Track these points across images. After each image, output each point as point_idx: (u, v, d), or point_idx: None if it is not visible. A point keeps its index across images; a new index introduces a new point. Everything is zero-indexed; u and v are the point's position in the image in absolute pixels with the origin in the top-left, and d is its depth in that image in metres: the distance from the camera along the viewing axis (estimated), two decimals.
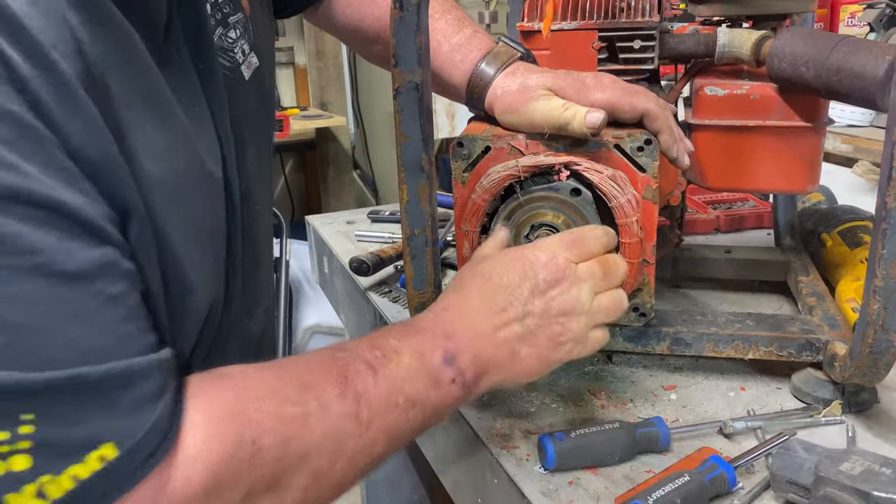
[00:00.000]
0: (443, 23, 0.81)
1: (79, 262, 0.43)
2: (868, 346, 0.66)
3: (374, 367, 0.55)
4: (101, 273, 0.44)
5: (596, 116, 0.67)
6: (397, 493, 1.65)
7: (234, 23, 0.67)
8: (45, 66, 0.42)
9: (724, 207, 1.35)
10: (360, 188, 3.54)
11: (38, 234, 0.42)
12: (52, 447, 0.41)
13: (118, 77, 0.48)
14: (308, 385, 0.52)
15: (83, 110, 0.44)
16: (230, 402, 0.49)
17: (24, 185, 0.41)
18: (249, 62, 0.69)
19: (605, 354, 0.88)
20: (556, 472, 0.68)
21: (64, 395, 0.41)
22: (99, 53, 0.46)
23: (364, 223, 1.43)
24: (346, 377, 0.54)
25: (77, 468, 0.42)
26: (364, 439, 0.54)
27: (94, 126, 0.45)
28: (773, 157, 0.84)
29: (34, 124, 0.42)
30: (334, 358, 0.55)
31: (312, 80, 3.37)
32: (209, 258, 0.59)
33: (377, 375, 0.55)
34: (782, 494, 0.64)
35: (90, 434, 0.42)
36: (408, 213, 0.74)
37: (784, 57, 0.78)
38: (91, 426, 0.42)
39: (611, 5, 0.84)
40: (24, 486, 0.41)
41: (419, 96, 0.69)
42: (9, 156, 0.41)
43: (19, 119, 0.41)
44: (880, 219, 0.63)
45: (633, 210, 0.72)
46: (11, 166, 0.41)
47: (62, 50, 0.44)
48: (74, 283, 0.43)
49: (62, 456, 0.42)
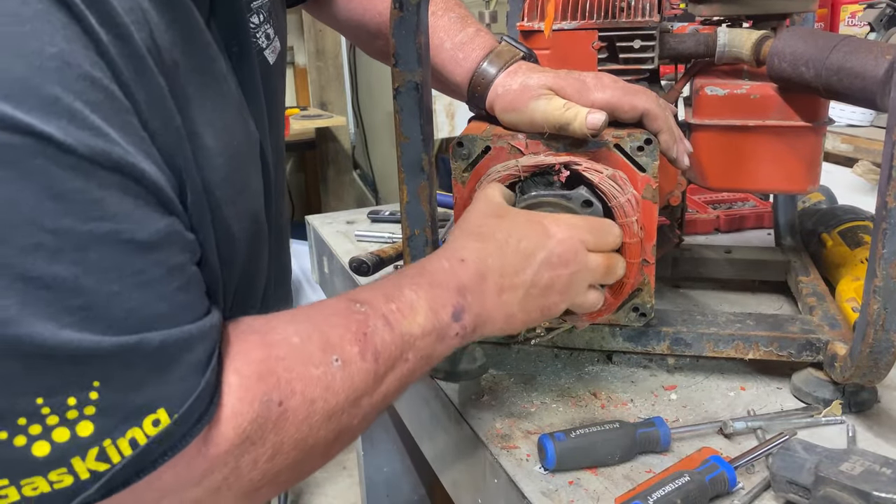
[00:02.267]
0: (445, 20, 0.81)
1: (150, 231, 0.44)
2: (868, 346, 0.66)
3: (391, 323, 0.56)
4: (166, 242, 0.45)
5: (597, 118, 0.67)
6: (397, 493, 1.65)
7: (258, 7, 0.67)
8: (120, 34, 0.43)
9: (724, 207, 1.35)
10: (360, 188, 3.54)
11: (118, 201, 0.42)
12: (114, 412, 0.42)
13: (181, 52, 0.49)
14: (330, 343, 0.53)
15: (152, 81, 0.45)
16: (260, 363, 0.50)
17: (108, 150, 0.41)
18: (274, 47, 0.69)
19: (605, 354, 0.88)
20: (556, 472, 0.68)
21: (127, 361, 0.42)
22: (164, 27, 0.47)
23: (364, 223, 1.43)
24: (366, 334, 0.55)
25: (136, 432, 0.43)
26: (378, 394, 0.55)
27: (161, 97, 0.46)
28: (773, 156, 0.84)
29: (113, 90, 0.42)
30: (353, 310, 0.56)
31: (312, 80, 3.37)
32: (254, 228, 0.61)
33: (394, 332, 0.56)
34: (782, 494, 0.64)
35: (148, 399, 0.43)
36: (408, 213, 0.74)
37: (784, 57, 0.78)
38: (148, 392, 0.43)
39: (611, 5, 0.84)
40: (88, 450, 0.42)
41: (419, 96, 0.69)
42: (94, 118, 0.41)
43: (100, 84, 0.41)
44: (880, 219, 0.63)
45: (633, 210, 0.72)
46: (97, 130, 0.41)
47: (133, 20, 0.44)
48: (144, 251, 0.43)
49: (122, 421, 0.43)
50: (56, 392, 0.41)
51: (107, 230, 0.42)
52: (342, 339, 0.54)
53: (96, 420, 0.42)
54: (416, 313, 0.58)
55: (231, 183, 0.55)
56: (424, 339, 0.58)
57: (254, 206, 0.62)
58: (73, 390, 0.41)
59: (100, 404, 0.42)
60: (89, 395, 0.42)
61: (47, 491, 0.42)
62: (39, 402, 0.40)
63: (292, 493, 2.32)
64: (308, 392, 0.51)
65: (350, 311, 0.56)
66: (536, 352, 0.89)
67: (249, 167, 0.60)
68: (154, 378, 0.44)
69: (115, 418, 0.43)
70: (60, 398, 0.41)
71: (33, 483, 0.41)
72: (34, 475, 0.41)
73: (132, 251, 0.43)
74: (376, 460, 1.62)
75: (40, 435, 0.41)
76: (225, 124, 0.54)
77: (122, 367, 0.42)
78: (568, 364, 0.87)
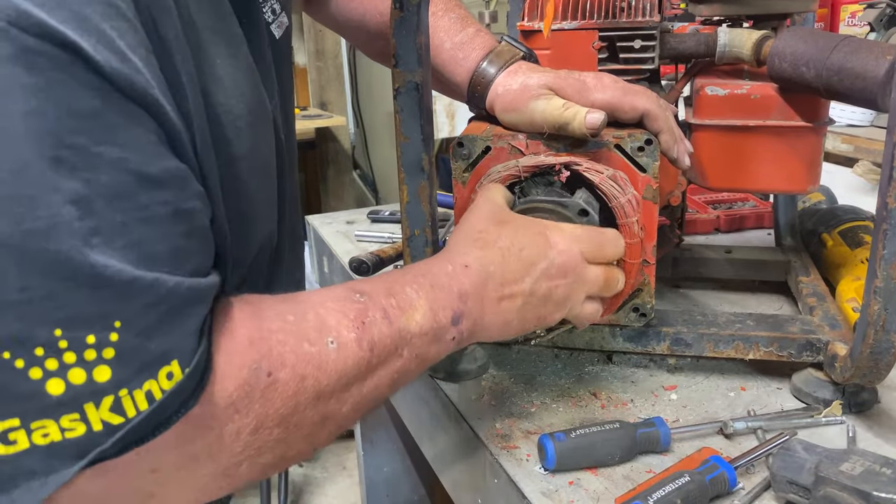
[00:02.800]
0: (446, 21, 0.81)
1: (159, 168, 0.43)
2: (869, 346, 0.66)
3: (389, 317, 0.56)
4: (174, 184, 0.44)
5: (596, 117, 0.67)
6: (397, 493, 1.65)
7: None
8: None
9: (724, 207, 1.35)
10: (360, 188, 3.54)
11: (131, 130, 0.42)
12: (132, 359, 0.41)
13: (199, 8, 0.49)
14: (326, 325, 0.53)
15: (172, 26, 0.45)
16: (252, 330, 0.49)
17: (131, 77, 0.41)
18: (280, 21, 0.69)
19: (605, 354, 0.88)
20: (556, 473, 0.68)
21: (145, 300, 0.42)
22: None
23: (364, 223, 1.43)
24: (364, 322, 0.54)
25: (152, 384, 0.42)
26: (368, 385, 0.55)
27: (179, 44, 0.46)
28: (773, 157, 0.84)
29: (136, 24, 0.42)
30: (352, 299, 0.56)
31: (312, 80, 3.37)
32: (267, 191, 0.61)
33: (391, 325, 0.56)
34: (783, 495, 0.64)
35: (164, 348, 0.43)
36: (408, 213, 0.74)
37: (785, 57, 0.78)
38: (164, 340, 0.43)
39: (611, 5, 0.84)
40: (103, 397, 0.41)
41: (419, 96, 0.69)
42: (121, 44, 0.41)
43: (125, 14, 0.41)
44: (881, 219, 0.63)
45: (634, 210, 0.72)
46: (123, 55, 0.41)
47: None
48: (151, 187, 0.43)
49: (139, 370, 0.42)
50: (75, 325, 0.40)
51: (116, 156, 0.41)
52: (339, 324, 0.53)
53: (114, 365, 0.41)
54: (415, 311, 0.58)
55: (244, 144, 0.54)
56: (421, 338, 0.58)
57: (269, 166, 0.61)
58: (93, 327, 0.40)
59: (119, 348, 0.41)
60: (109, 336, 0.41)
61: (58, 439, 0.40)
62: (58, 333, 0.39)
63: (292, 493, 2.32)
64: (299, 367, 0.50)
65: (349, 299, 0.56)
66: (536, 352, 0.89)
67: (262, 134, 0.59)
68: (168, 325, 0.43)
69: (133, 367, 0.41)
70: (80, 334, 0.40)
71: (44, 428, 0.40)
72: (46, 417, 0.40)
73: (139, 184, 0.42)
74: (376, 460, 1.62)
75: (56, 371, 0.40)
76: (238, 86, 0.54)
77: (140, 307, 0.41)
78: (568, 364, 0.87)
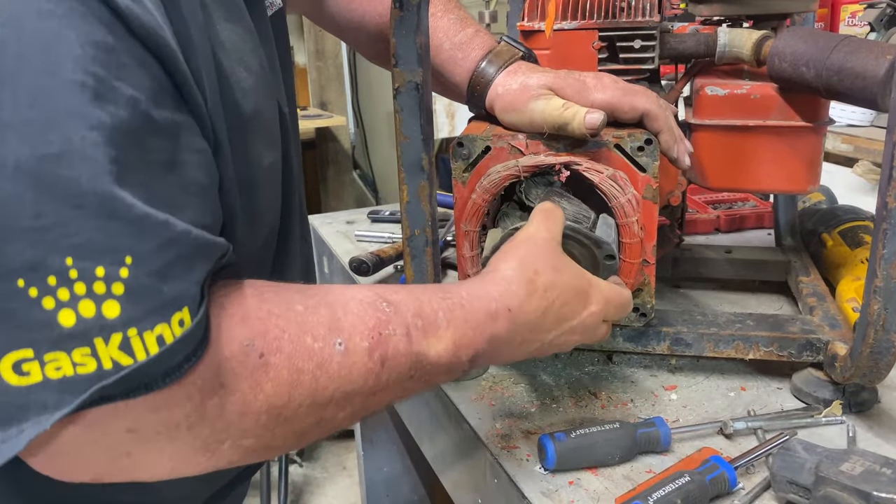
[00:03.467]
0: (445, 21, 0.81)
1: (160, 113, 0.43)
2: (869, 346, 0.66)
3: (411, 337, 0.54)
4: (177, 133, 0.44)
5: (595, 117, 0.67)
6: (397, 493, 1.65)
7: None
8: None
9: (724, 207, 1.35)
10: (360, 188, 3.53)
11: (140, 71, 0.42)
12: (142, 298, 0.41)
13: None
14: (339, 325, 0.50)
15: None
16: (249, 309, 0.48)
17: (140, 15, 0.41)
18: (272, 2, 0.69)
19: (605, 354, 0.88)
20: (557, 473, 0.68)
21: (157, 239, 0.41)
22: None
23: (364, 223, 1.43)
24: (381, 334, 0.52)
25: (163, 328, 0.42)
26: (373, 399, 0.53)
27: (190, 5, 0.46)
28: (773, 157, 0.84)
29: None
30: (376, 306, 0.53)
31: (312, 80, 3.37)
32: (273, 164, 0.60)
33: (410, 347, 0.53)
34: (783, 495, 0.64)
35: (176, 293, 0.42)
36: (408, 213, 0.74)
37: (785, 57, 0.78)
38: (176, 284, 0.42)
39: (611, 5, 0.84)
40: (111, 333, 0.41)
41: (419, 96, 0.69)
42: None
43: None
44: (881, 219, 0.63)
45: (634, 210, 0.72)
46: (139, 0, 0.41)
47: None
48: (156, 132, 0.43)
49: (151, 311, 0.41)
50: (86, 254, 0.39)
51: (130, 94, 0.41)
52: (353, 328, 0.51)
53: (123, 302, 0.40)
54: (439, 341, 0.55)
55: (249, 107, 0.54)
56: (434, 367, 0.56)
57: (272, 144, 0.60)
58: (103, 259, 0.40)
59: (129, 284, 0.40)
60: (119, 270, 0.40)
61: (70, 374, 0.40)
62: (69, 262, 0.39)
63: (292, 493, 2.32)
64: (297, 359, 0.48)
65: (374, 306, 0.53)
66: None
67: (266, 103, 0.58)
68: (179, 271, 0.42)
69: (144, 306, 0.41)
70: (90, 264, 0.40)
71: (57, 360, 0.40)
72: (58, 349, 0.40)
73: (149, 126, 0.42)
74: (376, 460, 1.62)
75: (68, 302, 0.39)
76: (237, 50, 0.54)
77: (153, 246, 0.41)
78: (568, 364, 0.87)
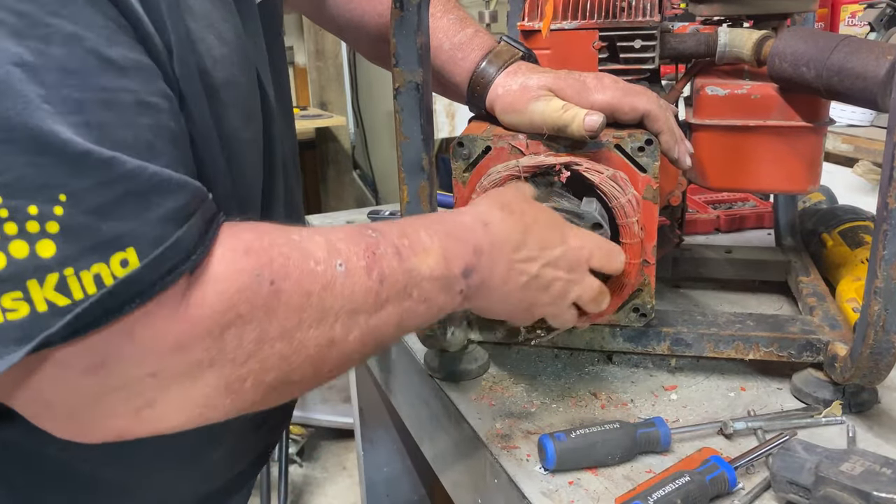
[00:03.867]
0: (445, 21, 0.81)
1: (119, 53, 0.42)
2: (869, 346, 0.66)
3: (401, 254, 0.55)
4: (138, 74, 0.44)
5: (594, 120, 0.67)
6: (397, 493, 1.65)
7: None
8: None
9: (724, 207, 1.35)
10: (360, 188, 3.53)
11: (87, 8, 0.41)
12: (79, 237, 0.40)
13: None
14: (336, 249, 0.52)
15: None
16: (252, 242, 0.49)
17: None
18: None
19: (605, 354, 0.88)
20: (556, 473, 0.68)
21: (97, 177, 0.40)
22: None
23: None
24: (375, 253, 0.53)
25: (101, 267, 0.41)
26: (376, 319, 0.54)
27: None
28: (773, 157, 0.84)
29: None
30: (364, 233, 0.55)
31: (312, 80, 3.37)
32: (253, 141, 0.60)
33: (402, 264, 0.55)
34: (783, 495, 0.64)
35: (117, 232, 0.41)
36: (408, 213, 0.74)
37: (785, 57, 0.78)
38: (119, 224, 0.41)
39: (611, 5, 0.84)
40: (47, 274, 0.40)
41: (419, 96, 0.68)
42: None
43: None
44: (881, 219, 0.63)
45: (634, 210, 0.72)
46: None
47: None
48: (111, 70, 0.42)
49: (88, 251, 0.41)
50: (16, 192, 0.38)
51: (70, 31, 0.40)
52: (349, 251, 0.52)
53: (59, 241, 0.40)
54: (427, 255, 0.57)
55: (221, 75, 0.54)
56: (431, 283, 0.57)
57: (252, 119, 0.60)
58: (36, 197, 0.39)
59: (64, 222, 0.39)
60: (53, 209, 0.39)
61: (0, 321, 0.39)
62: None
63: (292, 493, 2.32)
64: (305, 282, 0.49)
65: (361, 233, 0.55)
66: (536, 352, 0.89)
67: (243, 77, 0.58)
68: (126, 210, 0.42)
69: (80, 245, 0.40)
70: (21, 202, 0.39)
71: None
72: None
73: (97, 64, 0.41)
74: (376, 460, 1.61)
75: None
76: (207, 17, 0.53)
77: (91, 184, 0.40)
78: (568, 364, 0.87)
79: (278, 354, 0.49)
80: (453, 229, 0.60)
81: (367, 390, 1.51)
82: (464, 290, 0.60)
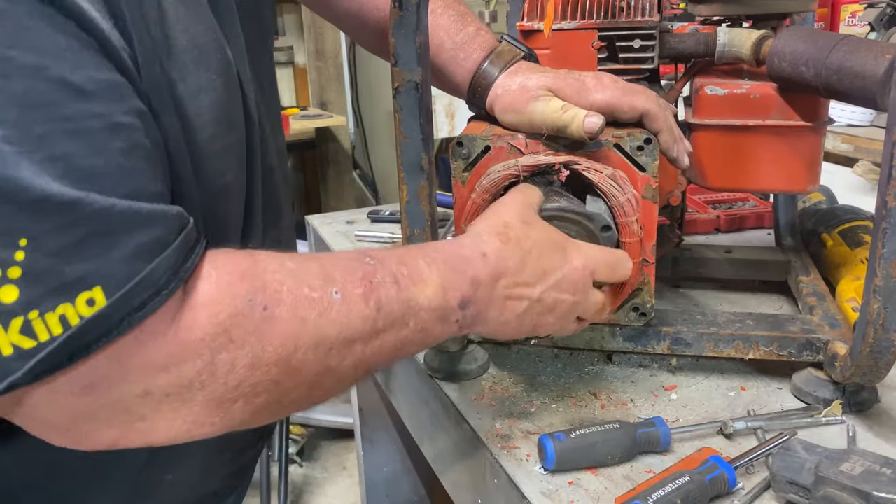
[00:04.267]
0: (445, 19, 0.81)
1: (85, 77, 0.41)
2: (868, 345, 0.66)
3: (399, 283, 0.55)
4: (107, 96, 0.43)
5: (594, 121, 0.67)
6: (397, 493, 1.65)
7: None
8: None
9: (724, 207, 1.34)
10: (360, 188, 3.54)
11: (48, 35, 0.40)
12: (42, 280, 0.40)
13: None
14: (332, 277, 0.52)
15: None
16: (246, 267, 0.48)
17: None
18: None
19: (605, 354, 0.88)
20: (556, 473, 0.68)
21: (60, 220, 0.40)
22: None
23: (364, 223, 1.43)
24: (372, 282, 0.53)
25: (66, 308, 0.40)
26: (372, 347, 0.54)
27: None
28: (773, 156, 0.84)
29: None
30: (361, 261, 0.55)
31: (312, 80, 3.37)
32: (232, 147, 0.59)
33: (400, 293, 0.55)
34: (783, 495, 0.64)
35: (82, 273, 0.41)
36: (408, 213, 0.74)
37: (784, 56, 0.78)
38: (83, 266, 0.41)
39: (611, 5, 0.84)
40: (11, 318, 0.39)
41: (419, 96, 0.68)
42: None
43: None
44: (880, 218, 0.63)
45: (633, 209, 0.72)
46: None
47: None
48: (77, 97, 0.41)
49: (53, 293, 0.40)
50: None
51: (33, 63, 0.39)
52: (345, 279, 0.52)
53: (21, 285, 0.39)
54: (426, 285, 0.57)
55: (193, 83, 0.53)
56: (428, 313, 0.57)
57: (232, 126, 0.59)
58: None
59: (26, 267, 0.39)
60: (14, 254, 0.39)
61: None
62: None
63: (292, 493, 2.32)
64: (299, 308, 0.49)
65: (358, 260, 0.55)
66: (536, 352, 0.89)
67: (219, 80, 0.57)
68: (90, 250, 0.41)
69: (44, 288, 0.40)
70: None
71: None
72: None
73: (61, 93, 0.40)
74: (376, 460, 1.62)
75: None
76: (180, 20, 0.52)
77: (54, 226, 0.39)
78: (568, 364, 0.87)
79: (271, 380, 0.49)
80: (452, 260, 0.60)
81: (367, 390, 1.51)
82: (460, 320, 0.60)
